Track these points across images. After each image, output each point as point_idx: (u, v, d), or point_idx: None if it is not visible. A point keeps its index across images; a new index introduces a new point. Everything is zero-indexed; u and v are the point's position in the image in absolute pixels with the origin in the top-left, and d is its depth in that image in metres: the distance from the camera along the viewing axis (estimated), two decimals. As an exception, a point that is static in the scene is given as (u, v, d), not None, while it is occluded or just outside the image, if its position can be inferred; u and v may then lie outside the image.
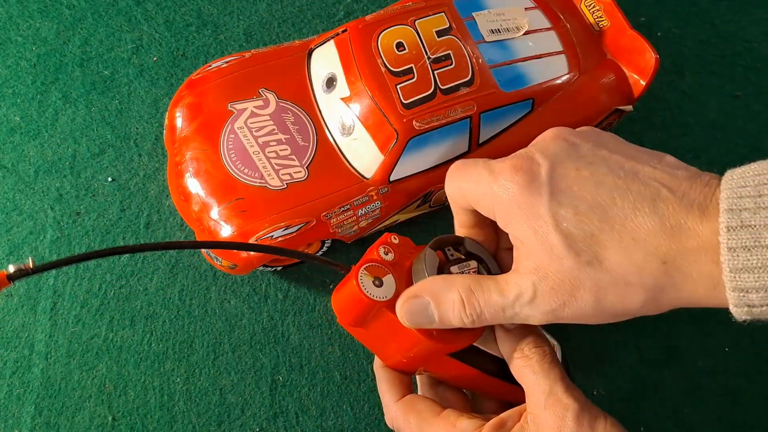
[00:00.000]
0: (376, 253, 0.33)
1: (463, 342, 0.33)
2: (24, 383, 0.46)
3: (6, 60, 0.55)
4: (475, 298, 0.29)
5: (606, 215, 0.26)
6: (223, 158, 0.44)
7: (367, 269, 0.32)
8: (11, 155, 0.52)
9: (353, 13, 0.58)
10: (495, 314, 0.29)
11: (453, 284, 0.30)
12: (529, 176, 0.28)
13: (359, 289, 0.31)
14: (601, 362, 0.47)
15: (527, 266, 0.28)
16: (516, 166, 0.28)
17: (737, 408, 0.47)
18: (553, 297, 0.27)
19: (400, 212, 0.46)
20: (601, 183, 0.27)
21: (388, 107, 0.41)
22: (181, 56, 0.56)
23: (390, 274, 0.32)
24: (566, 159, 0.28)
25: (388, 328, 0.32)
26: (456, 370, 0.35)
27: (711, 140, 0.54)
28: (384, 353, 0.35)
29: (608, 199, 0.26)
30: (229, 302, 0.48)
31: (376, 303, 0.31)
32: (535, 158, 0.29)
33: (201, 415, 0.46)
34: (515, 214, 0.28)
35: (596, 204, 0.26)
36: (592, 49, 0.48)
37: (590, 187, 0.27)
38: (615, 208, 0.26)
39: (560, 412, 0.29)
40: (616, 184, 0.27)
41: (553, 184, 0.27)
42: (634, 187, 0.26)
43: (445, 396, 0.37)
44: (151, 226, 0.50)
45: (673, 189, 0.26)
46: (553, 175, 0.28)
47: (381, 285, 0.32)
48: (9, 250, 0.49)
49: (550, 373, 0.31)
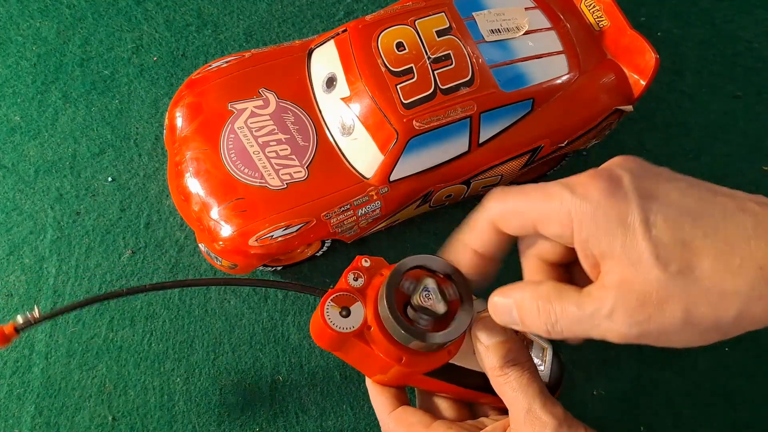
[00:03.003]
0: (345, 281, 0.34)
1: (434, 364, 0.33)
2: (24, 383, 0.46)
3: (6, 60, 0.55)
4: (552, 307, 0.28)
5: (697, 221, 0.25)
6: (223, 158, 0.44)
7: (335, 300, 0.33)
8: (11, 155, 0.52)
9: (353, 13, 0.58)
10: (570, 327, 0.27)
11: (535, 291, 0.28)
12: (613, 183, 0.26)
13: (324, 322, 0.32)
14: (601, 362, 0.47)
15: (612, 280, 0.26)
16: (595, 175, 0.26)
17: (737, 408, 0.47)
18: (636, 311, 0.25)
19: (400, 212, 0.46)
20: (685, 193, 0.26)
21: (388, 107, 0.41)
22: (181, 56, 0.56)
23: (358, 302, 0.33)
24: (646, 172, 0.27)
25: (360, 353, 0.33)
26: (437, 387, 0.36)
27: (711, 140, 0.54)
28: (366, 372, 0.36)
29: (697, 206, 0.25)
30: (229, 302, 0.48)
31: (342, 335, 0.32)
32: (613, 170, 0.27)
33: (201, 415, 0.46)
34: (599, 224, 0.26)
35: (686, 210, 0.25)
36: (592, 49, 0.48)
37: (676, 195, 0.26)
38: (705, 214, 0.25)
39: (539, 428, 0.30)
40: (701, 194, 0.25)
41: (640, 190, 0.26)
42: (720, 199, 0.25)
43: (439, 404, 0.37)
44: (151, 226, 0.50)
45: (757, 201, 0.25)
46: (638, 183, 0.26)
47: (348, 315, 0.33)
48: (9, 250, 0.49)
49: (528, 389, 0.31)
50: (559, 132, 0.46)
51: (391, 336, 0.32)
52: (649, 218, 0.25)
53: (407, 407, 0.35)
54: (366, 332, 0.33)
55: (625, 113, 0.47)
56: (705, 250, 0.24)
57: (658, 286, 0.24)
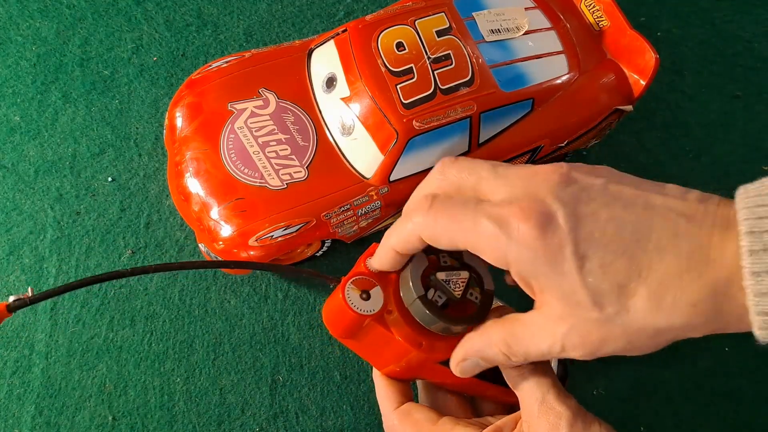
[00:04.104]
0: (363, 265, 0.33)
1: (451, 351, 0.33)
2: (24, 383, 0.46)
3: (6, 60, 0.55)
4: (514, 351, 0.29)
5: (632, 261, 0.25)
6: (223, 158, 0.44)
7: (354, 283, 0.32)
8: (11, 155, 0.52)
9: (353, 13, 0.58)
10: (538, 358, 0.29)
11: (491, 342, 0.30)
12: (546, 224, 0.26)
13: (346, 304, 0.31)
14: (601, 362, 0.47)
15: (553, 313, 0.27)
16: (527, 210, 0.26)
17: (737, 408, 0.47)
18: (583, 346, 0.27)
19: (400, 212, 0.46)
20: (621, 224, 0.26)
21: (388, 107, 0.41)
22: (181, 56, 0.56)
23: (377, 286, 0.33)
24: (580, 202, 0.26)
25: (378, 339, 0.33)
26: (449, 378, 0.35)
27: (711, 140, 0.54)
28: (378, 362, 0.36)
29: (632, 242, 0.25)
30: (229, 302, 0.48)
31: (364, 317, 0.32)
32: (546, 202, 0.26)
33: (201, 415, 0.46)
34: (537, 266, 0.26)
35: (621, 250, 0.25)
36: (592, 49, 0.48)
37: (612, 230, 0.26)
38: (639, 252, 0.25)
39: (553, 420, 0.29)
40: (637, 223, 0.25)
41: (575, 233, 0.26)
42: (656, 223, 0.25)
43: (444, 401, 0.37)
44: (151, 226, 0.50)
45: (689, 216, 0.25)
46: (572, 222, 0.26)
47: (368, 298, 0.32)
48: (9, 249, 0.49)
49: (542, 381, 0.31)
50: (559, 132, 0.46)
51: (412, 319, 0.32)
52: (585, 266, 0.25)
53: (413, 403, 0.35)
54: (386, 316, 0.32)
55: (625, 113, 0.47)
56: (639, 291, 0.25)
57: (598, 326, 0.26)
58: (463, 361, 0.32)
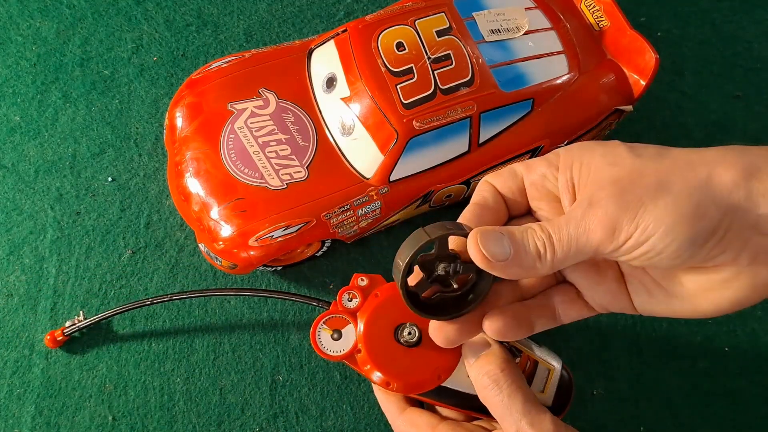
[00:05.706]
0: (340, 304, 0.35)
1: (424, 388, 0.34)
2: (24, 383, 0.46)
3: (6, 60, 0.55)
4: (544, 229, 0.28)
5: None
6: (223, 158, 0.44)
7: (327, 323, 0.34)
8: (11, 155, 0.52)
9: (353, 13, 0.58)
10: (566, 240, 0.28)
11: (527, 229, 0.29)
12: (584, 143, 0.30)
13: (316, 346, 0.34)
14: (601, 362, 0.47)
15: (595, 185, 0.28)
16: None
17: (737, 408, 0.47)
18: (620, 199, 0.27)
19: (400, 212, 0.46)
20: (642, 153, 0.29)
21: (388, 107, 0.41)
22: (181, 56, 0.56)
23: (350, 324, 0.34)
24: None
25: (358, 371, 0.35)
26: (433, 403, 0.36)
27: (711, 140, 0.54)
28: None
29: (662, 149, 0.28)
30: (229, 302, 0.48)
31: (334, 357, 0.34)
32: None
33: (201, 415, 0.46)
34: (585, 149, 0.29)
35: (653, 148, 0.29)
36: (592, 49, 0.48)
37: (639, 149, 0.29)
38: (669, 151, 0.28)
39: None
40: (659, 149, 0.29)
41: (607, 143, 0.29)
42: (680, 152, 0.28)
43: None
44: (151, 226, 0.50)
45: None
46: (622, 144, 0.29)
47: (340, 338, 0.34)
48: (9, 249, 0.49)
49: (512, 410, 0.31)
50: (559, 132, 0.46)
51: (382, 357, 0.33)
52: (621, 145, 0.29)
53: (415, 408, 0.36)
54: (357, 355, 0.34)
55: (625, 113, 0.47)
56: (674, 149, 0.28)
57: (636, 168, 0.27)
58: (491, 231, 0.29)
